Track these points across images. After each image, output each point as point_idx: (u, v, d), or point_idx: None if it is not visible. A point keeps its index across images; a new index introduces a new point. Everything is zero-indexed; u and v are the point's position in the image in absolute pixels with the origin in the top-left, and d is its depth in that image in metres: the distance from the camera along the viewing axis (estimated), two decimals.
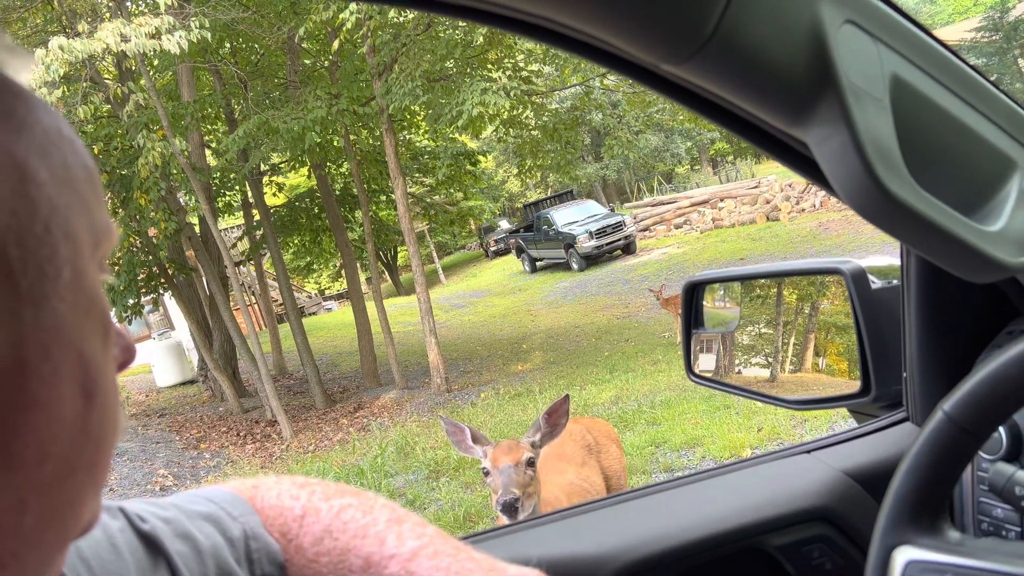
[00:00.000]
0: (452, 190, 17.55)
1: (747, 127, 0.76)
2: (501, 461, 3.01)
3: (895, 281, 1.16)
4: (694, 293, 1.57)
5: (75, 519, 0.45)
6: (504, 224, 35.30)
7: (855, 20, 0.65)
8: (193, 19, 9.03)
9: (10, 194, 0.40)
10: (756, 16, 0.60)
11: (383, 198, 16.45)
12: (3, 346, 0.38)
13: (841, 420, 5.65)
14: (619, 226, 21.33)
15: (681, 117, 16.01)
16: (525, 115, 13.25)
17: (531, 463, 3.04)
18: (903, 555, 0.69)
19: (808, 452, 1.24)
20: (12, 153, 0.41)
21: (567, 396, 3.20)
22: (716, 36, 0.59)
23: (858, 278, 1.17)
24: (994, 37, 19.54)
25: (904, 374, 1.14)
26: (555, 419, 3.18)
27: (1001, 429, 0.93)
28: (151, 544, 0.66)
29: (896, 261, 1.14)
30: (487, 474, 3.07)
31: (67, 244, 0.43)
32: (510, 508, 2.88)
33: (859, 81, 0.64)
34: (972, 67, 0.75)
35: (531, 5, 0.62)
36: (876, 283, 1.19)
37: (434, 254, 32.64)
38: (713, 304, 1.63)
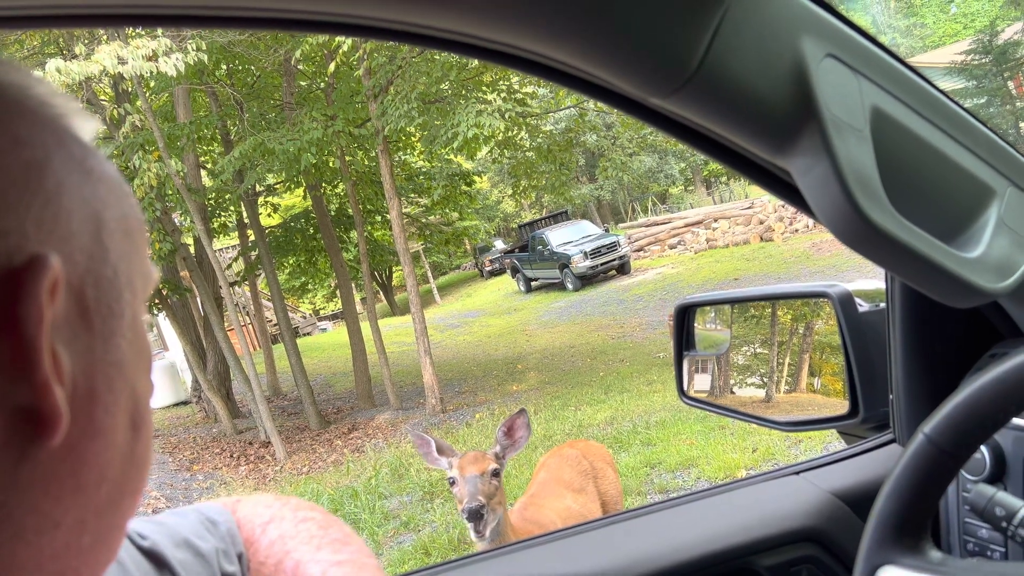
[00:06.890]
0: (447, 210, 17.60)
1: (733, 156, 0.78)
2: (467, 470, 3.05)
3: (882, 304, 1.17)
4: (685, 316, 1.59)
5: (118, 541, 0.48)
6: (499, 244, 35.26)
7: (836, 54, 0.67)
8: (190, 41, 9.09)
9: (89, 241, 0.44)
10: (739, 52, 0.62)
11: (378, 218, 16.49)
12: (79, 376, 0.42)
13: (836, 440, 5.65)
14: (614, 246, 21.36)
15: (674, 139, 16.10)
16: (520, 136, 13.31)
17: (496, 474, 3.08)
18: (886, 575, 0.70)
19: (797, 473, 1.25)
20: (92, 204, 0.45)
21: (523, 410, 3.29)
22: (701, 71, 0.61)
23: (845, 301, 1.19)
24: (984, 60, 19.68)
25: (890, 396, 1.15)
26: (514, 433, 3.26)
27: (984, 450, 0.95)
28: (154, 558, 0.70)
29: (883, 284, 1.16)
30: (453, 483, 3.11)
31: (128, 288, 0.47)
32: (475, 515, 2.91)
33: (840, 113, 0.66)
34: (950, 98, 0.77)
35: (520, 40, 0.64)
36: (863, 306, 1.20)
37: (429, 274, 32.61)
38: (704, 326, 1.64)
